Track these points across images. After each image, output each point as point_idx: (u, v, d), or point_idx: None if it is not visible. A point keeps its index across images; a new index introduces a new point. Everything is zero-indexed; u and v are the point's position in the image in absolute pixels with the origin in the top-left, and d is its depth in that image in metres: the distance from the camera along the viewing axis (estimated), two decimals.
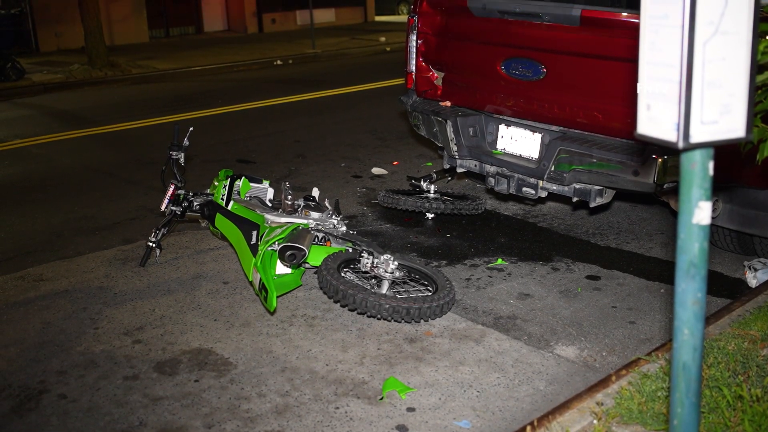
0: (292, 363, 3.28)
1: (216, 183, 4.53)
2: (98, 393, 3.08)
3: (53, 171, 6.73)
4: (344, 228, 4.15)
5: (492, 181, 4.44)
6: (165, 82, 12.37)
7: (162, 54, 15.14)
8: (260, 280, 3.49)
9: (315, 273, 4.06)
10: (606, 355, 3.31)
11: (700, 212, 1.56)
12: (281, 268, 3.70)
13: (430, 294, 3.66)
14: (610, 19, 3.68)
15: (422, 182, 5.20)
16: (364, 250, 3.80)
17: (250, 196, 4.48)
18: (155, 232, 4.39)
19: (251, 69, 13.66)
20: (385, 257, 3.66)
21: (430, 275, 3.80)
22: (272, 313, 3.73)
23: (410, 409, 2.92)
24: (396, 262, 3.68)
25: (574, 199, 4.13)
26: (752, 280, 3.95)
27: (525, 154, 4.29)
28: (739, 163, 3.66)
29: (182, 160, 4.42)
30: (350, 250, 3.87)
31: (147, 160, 6.97)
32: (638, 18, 1.55)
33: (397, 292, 3.75)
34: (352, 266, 3.84)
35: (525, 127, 4.31)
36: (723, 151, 1.97)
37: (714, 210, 3.94)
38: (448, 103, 4.75)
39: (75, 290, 4.11)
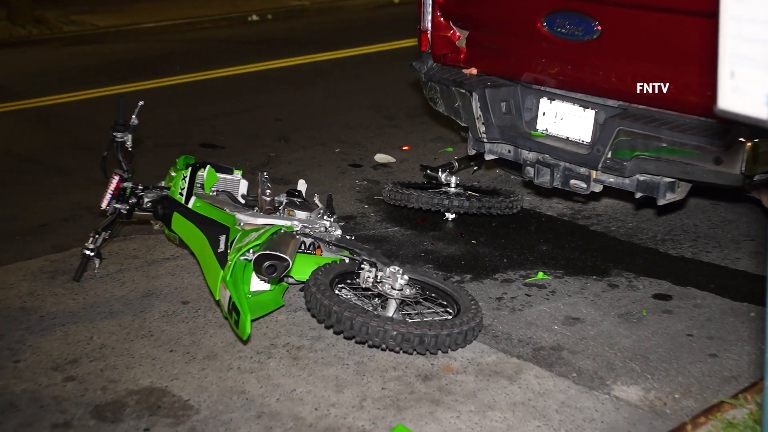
0: (271, 407, 3.29)
1: (173, 173, 4.54)
2: None
3: None
4: (339, 232, 4.15)
5: (531, 171, 4.44)
6: (107, 44, 12.41)
7: (104, 6, 15.18)
8: (230, 298, 3.50)
9: (301, 290, 4.07)
10: (679, 398, 3.31)
11: None
12: (257, 284, 3.70)
13: (449, 317, 3.66)
14: None
15: (440, 173, 5.20)
16: (364, 260, 3.81)
17: (218, 191, 4.49)
18: (94, 238, 4.41)
19: (219, 26, 13.71)
20: (392, 270, 3.67)
21: (450, 293, 3.80)
22: (245, 342, 3.75)
23: None
24: (406, 277, 3.68)
25: (638, 195, 4.13)
26: None
27: (573, 136, 4.29)
28: None
29: (129, 143, 4.43)
30: (347, 261, 3.88)
31: (84, 144, 7.00)
32: None
33: (408, 314, 3.76)
34: (349, 281, 3.85)
35: (574, 101, 4.31)
36: None
37: None
38: (474, 71, 4.75)
39: None
